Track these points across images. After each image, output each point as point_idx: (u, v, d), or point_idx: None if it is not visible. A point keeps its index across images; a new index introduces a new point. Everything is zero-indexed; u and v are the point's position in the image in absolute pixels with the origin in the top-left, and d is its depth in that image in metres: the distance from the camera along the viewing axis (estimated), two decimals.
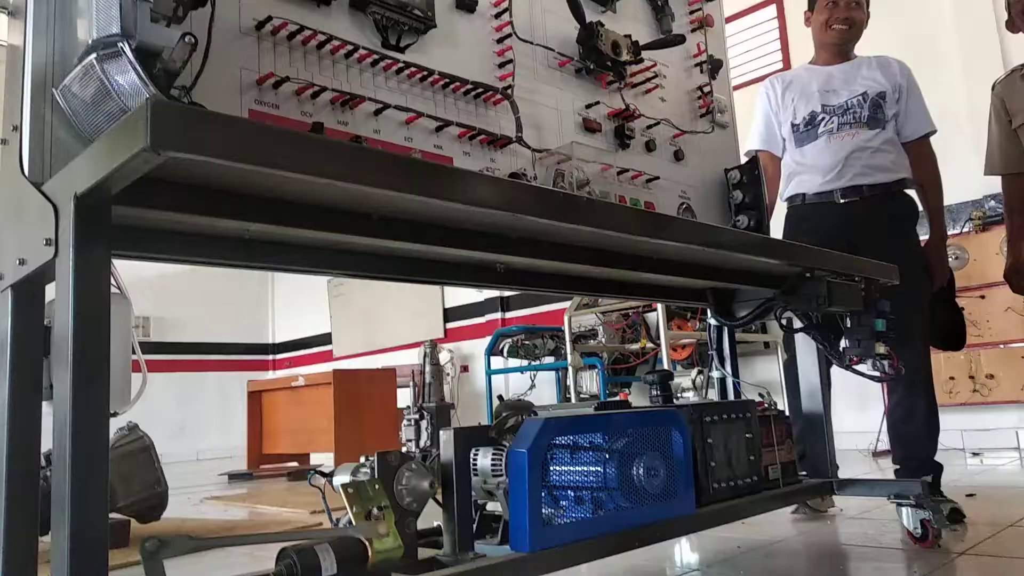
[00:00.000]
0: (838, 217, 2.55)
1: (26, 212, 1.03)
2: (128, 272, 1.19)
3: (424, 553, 1.32)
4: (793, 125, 2.70)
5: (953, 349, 2.70)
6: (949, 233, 4.33)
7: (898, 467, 2.54)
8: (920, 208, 2.69)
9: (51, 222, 0.94)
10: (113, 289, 0.96)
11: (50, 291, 1.04)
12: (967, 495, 2.69)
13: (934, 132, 2.68)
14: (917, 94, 2.67)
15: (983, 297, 4.12)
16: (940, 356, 4.18)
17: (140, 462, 2.84)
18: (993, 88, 2.73)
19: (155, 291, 7.28)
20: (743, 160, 2.20)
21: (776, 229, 2.33)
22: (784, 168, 2.75)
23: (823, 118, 2.64)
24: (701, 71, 2.11)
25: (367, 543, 1.17)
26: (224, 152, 0.86)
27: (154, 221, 1.13)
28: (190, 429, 7.88)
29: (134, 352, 1.22)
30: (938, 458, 2.50)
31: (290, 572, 1.10)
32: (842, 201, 2.57)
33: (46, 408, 1.07)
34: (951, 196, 4.48)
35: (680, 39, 1.97)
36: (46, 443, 1.05)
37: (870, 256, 2.12)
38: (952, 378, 4.17)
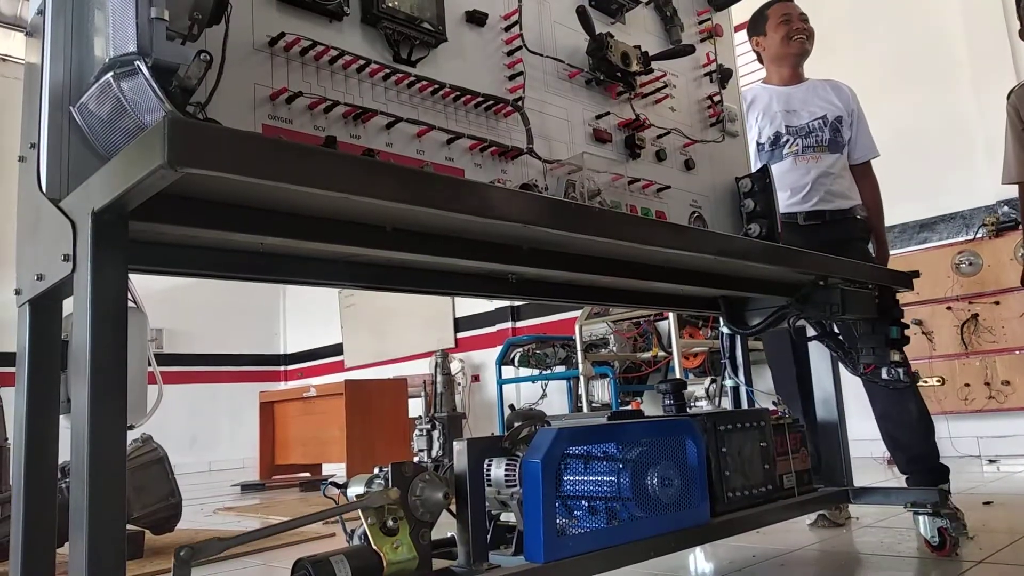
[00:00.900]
0: (798, 236, 2.62)
1: (44, 228, 1.04)
2: (140, 284, 1.20)
3: (438, 564, 1.32)
4: (759, 144, 2.77)
5: None
6: (963, 239, 4.38)
7: (907, 475, 2.52)
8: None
9: (69, 238, 0.95)
10: (129, 303, 0.97)
11: (67, 306, 1.05)
12: (984, 503, 2.67)
13: (877, 156, 2.81)
14: (864, 119, 2.80)
15: (997, 303, 4.09)
16: (955, 363, 4.16)
17: (154, 474, 2.86)
18: (1008, 97, 2.73)
19: (167, 303, 7.31)
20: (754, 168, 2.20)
21: None
22: None
23: (787, 139, 2.73)
24: (711, 80, 2.12)
25: (382, 554, 1.18)
26: (239, 168, 0.87)
27: (169, 236, 1.14)
28: (202, 440, 7.91)
29: (150, 365, 1.22)
30: (953, 465, 2.48)
31: None
32: (803, 224, 2.67)
33: (63, 421, 1.08)
34: (965, 202, 4.52)
35: (689, 49, 1.98)
36: (63, 455, 1.06)
37: None
38: (967, 384, 4.13)
